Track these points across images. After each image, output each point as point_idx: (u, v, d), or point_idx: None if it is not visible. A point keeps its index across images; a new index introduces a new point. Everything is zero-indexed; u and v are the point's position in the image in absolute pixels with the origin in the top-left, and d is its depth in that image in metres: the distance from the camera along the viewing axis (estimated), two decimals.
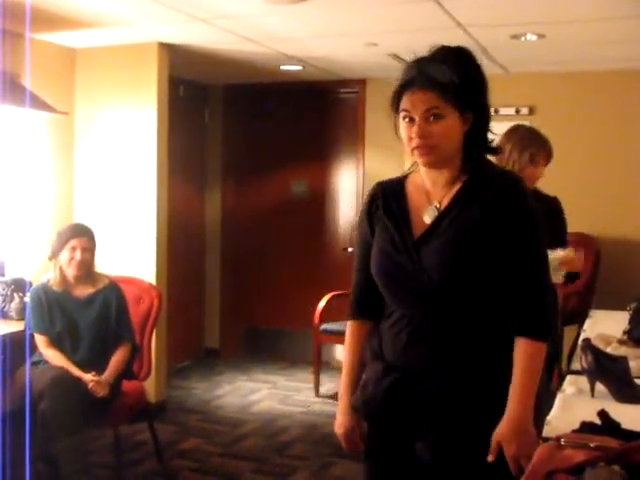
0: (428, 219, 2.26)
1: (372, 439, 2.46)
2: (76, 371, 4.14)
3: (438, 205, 2.26)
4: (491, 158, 3.12)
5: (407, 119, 2.20)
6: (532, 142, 3.86)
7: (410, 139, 2.20)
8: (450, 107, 2.16)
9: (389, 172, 2.52)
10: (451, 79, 2.16)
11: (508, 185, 2.22)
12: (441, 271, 2.17)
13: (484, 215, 2.16)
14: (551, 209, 3.82)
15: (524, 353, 2.14)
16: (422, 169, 2.31)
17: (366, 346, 2.41)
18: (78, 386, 4.07)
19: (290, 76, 6.84)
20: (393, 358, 2.28)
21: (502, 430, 2.10)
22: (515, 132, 3.92)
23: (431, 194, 2.29)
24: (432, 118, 2.16)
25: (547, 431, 2.25)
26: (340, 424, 2.46)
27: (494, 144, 2.33)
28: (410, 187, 2.36)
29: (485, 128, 2.28)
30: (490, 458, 2.10)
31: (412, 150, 2.21)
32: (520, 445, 2.07)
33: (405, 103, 2.20)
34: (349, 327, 2.52)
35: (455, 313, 2.18)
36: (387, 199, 2.37)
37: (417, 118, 2.17)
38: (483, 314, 2.19)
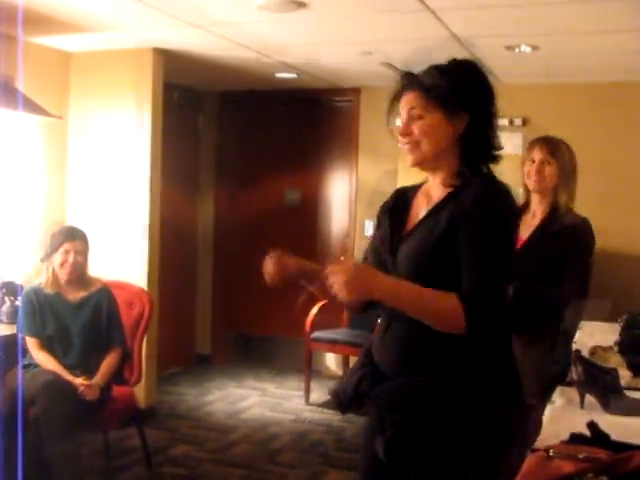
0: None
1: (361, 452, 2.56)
2: (66, 375, 4.14)
3: (430, 209, 2.32)
4: None
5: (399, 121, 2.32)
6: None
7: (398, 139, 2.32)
8: (430, 107, 2.24)
9: (382, 181, 2.57)
10: (435, 81, 2.24)
11: (478, 185, 2.24)
12: (406, 267, 2.26)
13: (451, 216, 2.19)
14: (568, 233, 3.61)
15: (442, 293, 2.12)
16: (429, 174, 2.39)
17: None
18: (70, 390, 4.06)
19: (285, 84, 6.85)
20: (375, 354, 2.38)
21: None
22: None
23: (431, 197, 2.36)
24: (415, 117, 2.26)
25: (536, 442, 2.26)
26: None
27: (497, 152, 2.34)
28: (419, 193, 2.44)
29: (484, 134, 2.30)
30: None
31: (402, 150, 2.33)
32: (349, 277, 2.09)
33: (399, 108, 2.32)
34: None
35: None
36: (396, 202, 2.46)
37: (403, 117, 2.29)
38: None
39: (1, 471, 3.91)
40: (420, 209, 2.36)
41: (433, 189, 2.35)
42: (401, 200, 2.45)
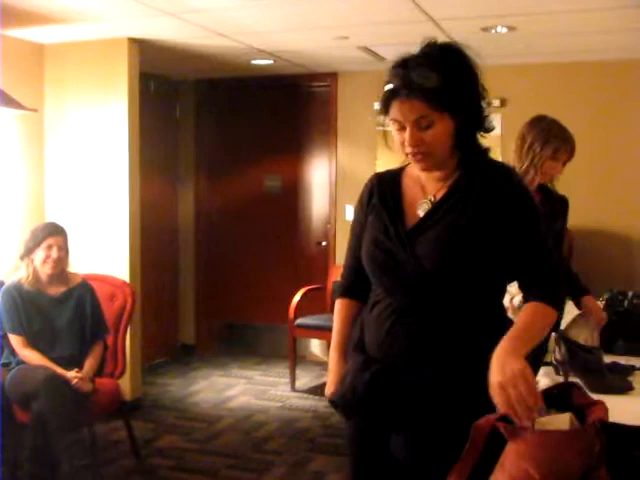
0: (422, 212, 2.26)
1: (351, 433, 2.44)
2: (58, 369, 4.14)
3: (433, 198, 2.26)
4: (512, 149, 3.12)
5: (397, 125, 2.19)
6: (557, 136, 3.61)
7: (403, 145, 2.20)
8: (438, 112, 2.14)
9: (362, 165, 2.54)
10: (438, 84, 2.12)
11: (501, 174, 2.23)
12: (434, 260, 2.16)
13: (478, 206, 2.17)
14: (561, 208, 3.73)
15: (533, 308, 2.11)
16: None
17: (353, 326, 2.41)
18: (68, 384, 4.08)
19: (261, 70, 6.82)
20: (375, 350, 2.27)
21: (491, 376, 1.95)
22: (539, 123, 3.66)
23: (426, 188, 2.30)
24: (424, 126, 2.15)
25: None
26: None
27: (487, 145, 2.31)
28: (406, 179, 2.37)
29: (477, 123, 2.26)
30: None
31: (406, 156, 2.23)
32: (505, 372, 1.90)
33: (394, 113, 2.18)
34: (337, 304, 2.53)
35: (442, 304, 2.17)
36: (383, 189, 2.37)
37: (408, 127, 2.16)
38: (469, 307, 2.18)
39: None
40: (416, 199, 2.29)
41: (428, 181, 2.29)
42: (387, 188, 2.37)
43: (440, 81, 2.12)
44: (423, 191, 2.30)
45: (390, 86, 2.18)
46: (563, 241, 3.77)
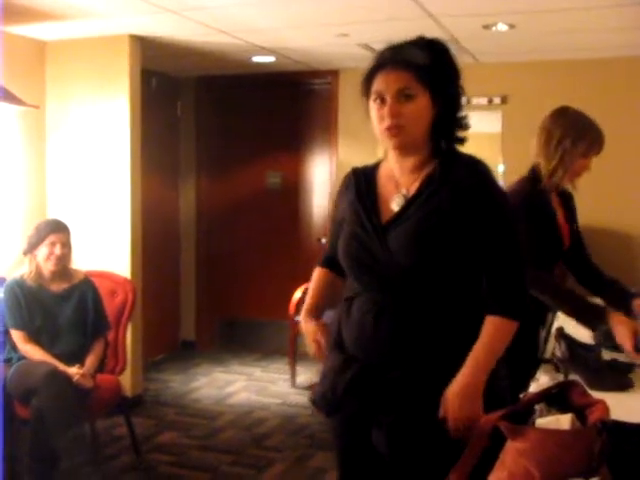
0: (396, 207, 2.28)
1: (335, 427, 2.48)
2: (60, 365, 4.14)
3: (406, 192, 2.28)
4: (534, 145, 3.14)
5: (378, 100, 2.23)
6: (589, 131, 3.31)
7: (381, 120, 2.22)
8: (422, 88, 2.19)
9: (362, 162, 2.54)
10: (424, 61, 2.18)
11: (476, 172, 2.24)
12: (407, 254, 2.19)
13: (452, 201, 2.18)
14: (573, 205, 3.54)
15: (491, 327, 2.17)
16: (390, 156, 2.34)
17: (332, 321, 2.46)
18: (70, 380, 4.08)
19: (262, 67, 6.82)
20: (353, 347, 2.30)
21: (449, 390, 2.14)
22: (566, 117, 3.31)
23: (400, 182, 2.32)
24: (403, 98, 2.19)
25: None
26: (308, 331, 2.51)
27: (462, 134, 2.33)
28: (381, 175, 2.40)
29: (454, 116, 2.29)
30: (440, 415, 2.14)
31: (382, 132, 2.24)
32: (461, 407, 2.11)
33: (377, 84, 2.23)
34: (315, 272, 2.65)
35: (420, 299, 2.19)
36: (359, 184, 2.41)
37: (389, 98, 2.20)
38: (447, 301, 2.20)
39: None
40: (390, 194, 2.32)
41: (402, 174, 2.31)
42: (363, 183, 2.40)
43: (428, 60, 2.19)
44: (397, 186, 2.31)
45: (377, 62, 2.26)
46: (583, 240, 3.58)
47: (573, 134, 3.23)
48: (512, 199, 2.89)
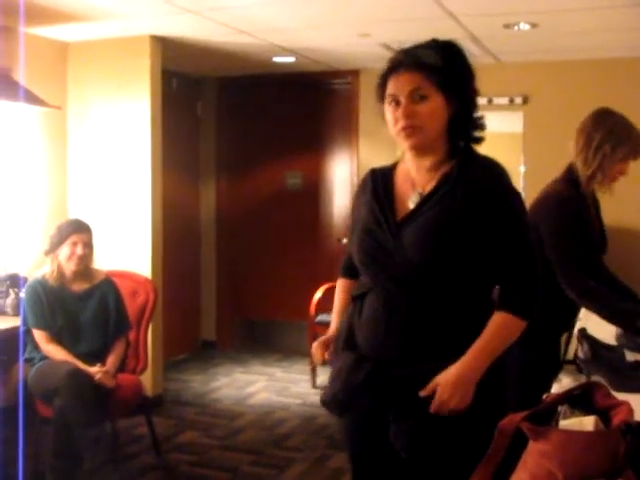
0: (412, 204, 2.29)
1: (347, 427, 2.47)
2: (81, 364, 4.16)
3: (422, 191, 2.29)
4: (572, 146, 3.12)
5: (393, 103, 2.25)
6: (629, 136, 3.17)
7: (396, 121, 2.24)
8: (435, 89, 2.21)
9: (383, 162, 2.54)
10: (436, 62, 2.21)
11: (492, 173, 2.25)
12: (420, 250, 2.19)
13: (466, 200, 2.19)
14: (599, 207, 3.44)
15: (497, 323, 2.18)
16: (407, 156, 2.35)
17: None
18: (91, 379, 4.09)
19: (283, 68, 6.83)
20: (366, 345, 2.29)
21: (444, 376, 2.14)
22: (606, 120, 3.19)
23: (416, 181, 2.32)
24: (418, 99, 2.21)
25: None
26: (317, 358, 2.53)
27: (479, 134, 2.33)
28: (398, 175, 2.40)
29: (469, 117, 2.30)
30: (422, 393, 2.14)
31: (398, 133, 2.25)
32: (452, 396, 2.11)
33: (391, 87, 2.26)
34: (339, 282, 2.63)
35: (432, 295, 2.19)
36: (376, 184, 2.41)
37: (403, 99, 2.22)
38: (459, 297, 2.20)
39: (2, 463, 3.94)
40: (407, 193, 2.32)
41: (418, 173, 2.32)
42: (380, 183, 2.40)
43: (440, 61, 2.21)
44: (413, 186, 2.32)
45: (390, 65, 2.29)
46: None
47: (613, 140, 3.14)
48: (559, 203, 2.89)
